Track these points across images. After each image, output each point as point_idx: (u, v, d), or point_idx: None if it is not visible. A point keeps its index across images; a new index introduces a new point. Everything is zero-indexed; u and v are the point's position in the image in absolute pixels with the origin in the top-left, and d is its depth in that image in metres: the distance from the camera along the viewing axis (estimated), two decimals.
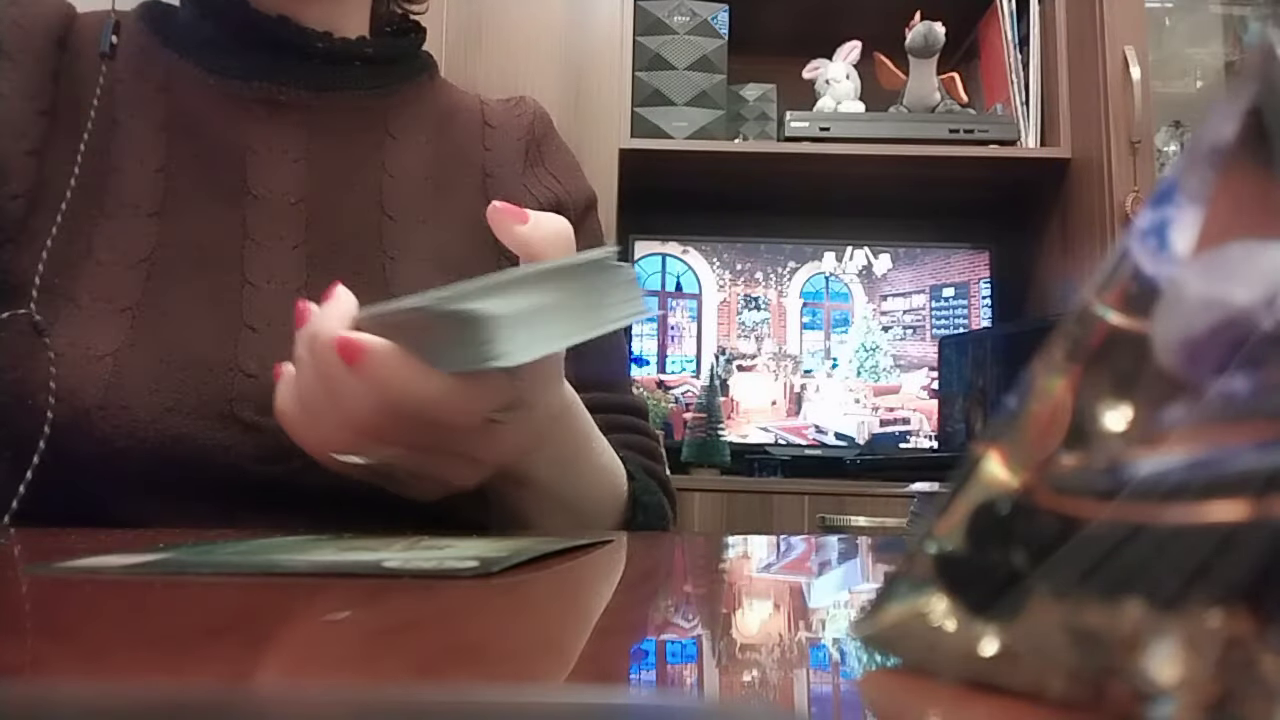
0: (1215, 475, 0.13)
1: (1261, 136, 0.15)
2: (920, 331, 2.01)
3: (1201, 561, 0.13)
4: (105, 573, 0.26)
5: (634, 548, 0.41)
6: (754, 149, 1.86)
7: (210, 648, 0.18)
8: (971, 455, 0.17)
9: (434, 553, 0.31)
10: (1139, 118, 1.64)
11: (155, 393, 0.50)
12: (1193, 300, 0.14)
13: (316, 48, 0.61)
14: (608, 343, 0.67)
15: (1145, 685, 0.13)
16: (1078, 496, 0.15)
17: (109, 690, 0.13)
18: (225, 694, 0.14)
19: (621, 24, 1.83)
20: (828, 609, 0.28)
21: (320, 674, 0.16)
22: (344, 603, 0.23)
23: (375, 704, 0.12)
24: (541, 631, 0.21)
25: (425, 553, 0.31)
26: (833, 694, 0.17)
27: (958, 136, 1.82)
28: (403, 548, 0.32)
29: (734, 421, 1.97)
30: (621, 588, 0.31)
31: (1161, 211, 0.16)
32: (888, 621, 0.17)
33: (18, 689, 0.13)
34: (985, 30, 1.98)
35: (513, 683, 0.16)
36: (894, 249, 2.04)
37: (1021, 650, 0.15)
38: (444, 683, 0.15)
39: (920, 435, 1.96)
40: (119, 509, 0.49)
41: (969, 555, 0.16)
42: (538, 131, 0.70)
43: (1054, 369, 0.16)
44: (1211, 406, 0.14)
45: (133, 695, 0.12)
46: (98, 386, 0.49)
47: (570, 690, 0.15)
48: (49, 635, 0.19)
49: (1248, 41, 1.94)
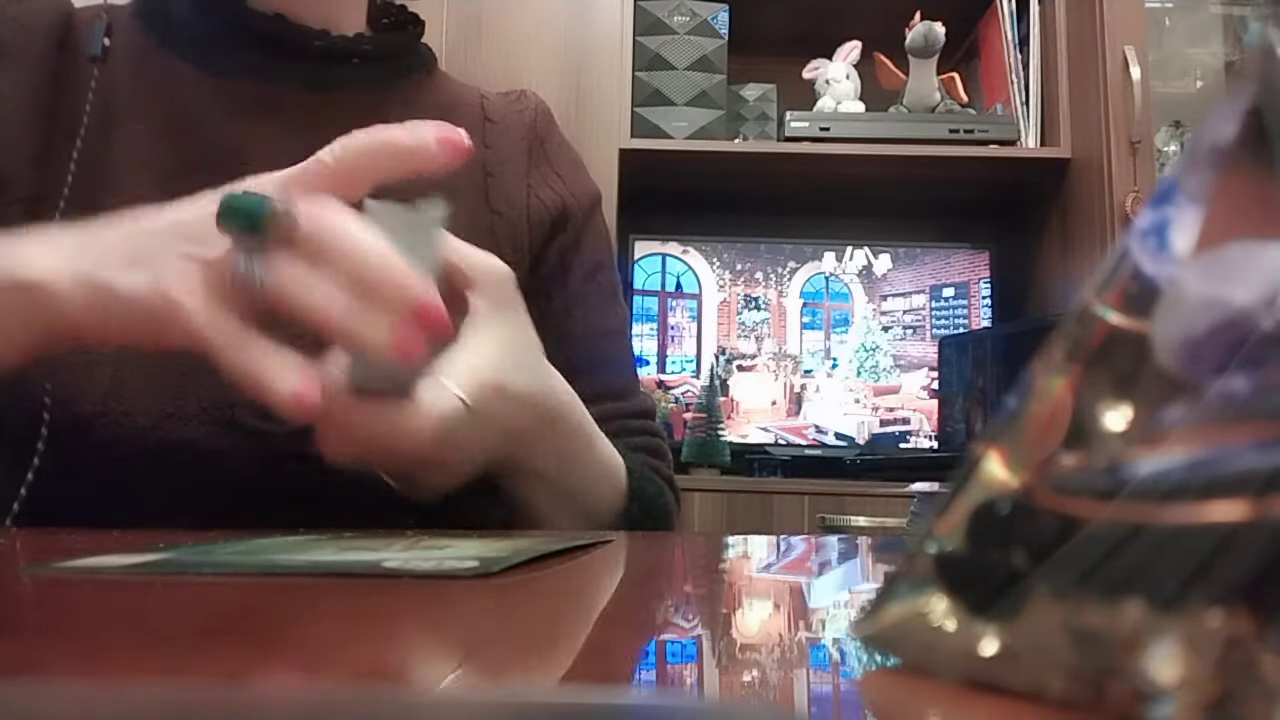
0: (1215, 475, 0.13)
1: (1261, 136, 0.15)
2: (920, 331, 2.01)
3: (1201, 561, 0.13)
4: (105, 573, 0.26)
5: (634, 548, 0.41)
6: (754, 149, 1.86)
7: (210, 648, 0.18)
8: (971, 455, 0.17)
9: (434, 553, 0.31)
10: (1139, 118, 1.64)
11: (155, 398, 0.49)
12: (1193, 300, 0.14)
13: (314, 46, 0.60)
14: (617, 352, 0.67)
15: (1145, 685, 0.13)
16: (1078, 496, 0.15)
17: (109, 690, 0.13)
18: (225, 694, 0.14)
19: (621, 24, 1.83)
20: (828, 609, 0.28)
21: (319, 674, 0.16)
22: (343, 603, 0.23)
23: (375, 704, 0.12)
24: (541, 631, 0.21)
25: (425, 553, 0.31)
26: (833, 694, 0.17)
27: (958, 136, 1.82)
28: (403, 548, 0.32)
29: (734, 421, 1.97)
30: (621, 588, 0.31)
31: (1161, 211, 0.16)
32: (888, 621, 0.17)
33: (18, 689, 0.13)
34: (985, 30, 1.98)
35: (513, 683, 0.16)
36: (894, 249, 2.04)
37: (1021, 650, 0.15)
38: (444, 683, 0.15)
39: (920, 435, 1.96)
40: (118, 513, 0.49)
41: (969, 555, 0.16)
42: (540, 129, 0.69)
43: (1054, 369, 0.16)
44: (1211, 406, 0.14)
45: (133, 695, 0.12)
46: (97, 393, 0.49)
47: (570, 690, 0.15)
48: (49, 635, 0.19)
49: (1248, 41, 1.94)
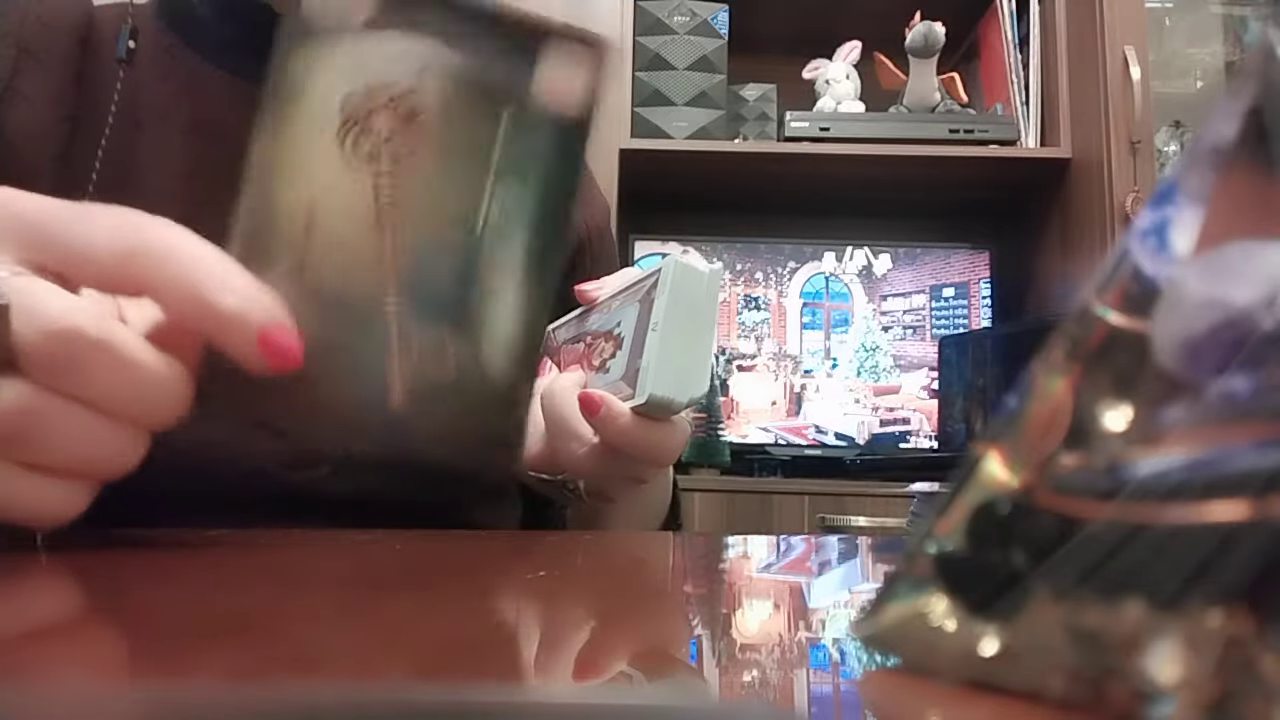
0: (1215, 475, 0.13)
1: (1261, 136, 0.15)
2: (920, 331, 2.01)
3: (1201, 561, 0.13)
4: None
5: (634, 548, 0.41)
6: (754, 149, 1.86)
7: (209, 648, 0.18)
8: (971, 455, 0.17)
9: None
10: (1139, 118, 1.64)
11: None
12: (1193, 300, 0.14)
13: None
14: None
15: (1145, 685, 0.13)
16: (1078, 496, 0.15)
17: (109, 690, 0.13)
18: (225, 694, 0.14)
19: (621, 24, 1.83)
20: (828, 609, 0.28)
21: (320, 674, 0.16)
22: (342, 602, 0.23)
23: (375, 704, 0.12)
24: (541, 631, 0.21)
25: None
26: (833, 694, 0.17)
27: (958, 136, 1.82)
28: None
29: (734, 421, 1.97)
30: (621, 587, 0.31)
31: (1161, 211, 0.16)
32: (888, 621, 0.17)
33: (17, 689, 0.13)
34: (985, 30, 1.98)
35: (513, 683, 0.16)
36: (894, 249, 2.04)
37: (1021, 650, 0.15)
38: (444, 683, 0.15)
39: (920, 435, 1.96)
40: (143, 513, 0.49)
41: (969, 555, 0.16)
42: None
43: (1054, 369, 0.16)
44: (1211, 406, 0.14)
45: (133, 695, 0.12)
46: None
47: (570, 690, 0.15)
48: (48, 635, 0.19)
49: (1248, 41, 1.94)
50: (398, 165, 0.32)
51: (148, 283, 0.29)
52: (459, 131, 0.33)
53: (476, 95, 0.33)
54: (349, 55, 0.32)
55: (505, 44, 0.33)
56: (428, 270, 0.33)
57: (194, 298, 0.29)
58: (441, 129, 0.32)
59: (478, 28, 0.33)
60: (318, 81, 0.32)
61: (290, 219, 0.32)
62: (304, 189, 0.32)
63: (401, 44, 0.32)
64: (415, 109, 0.32)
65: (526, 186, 0.33)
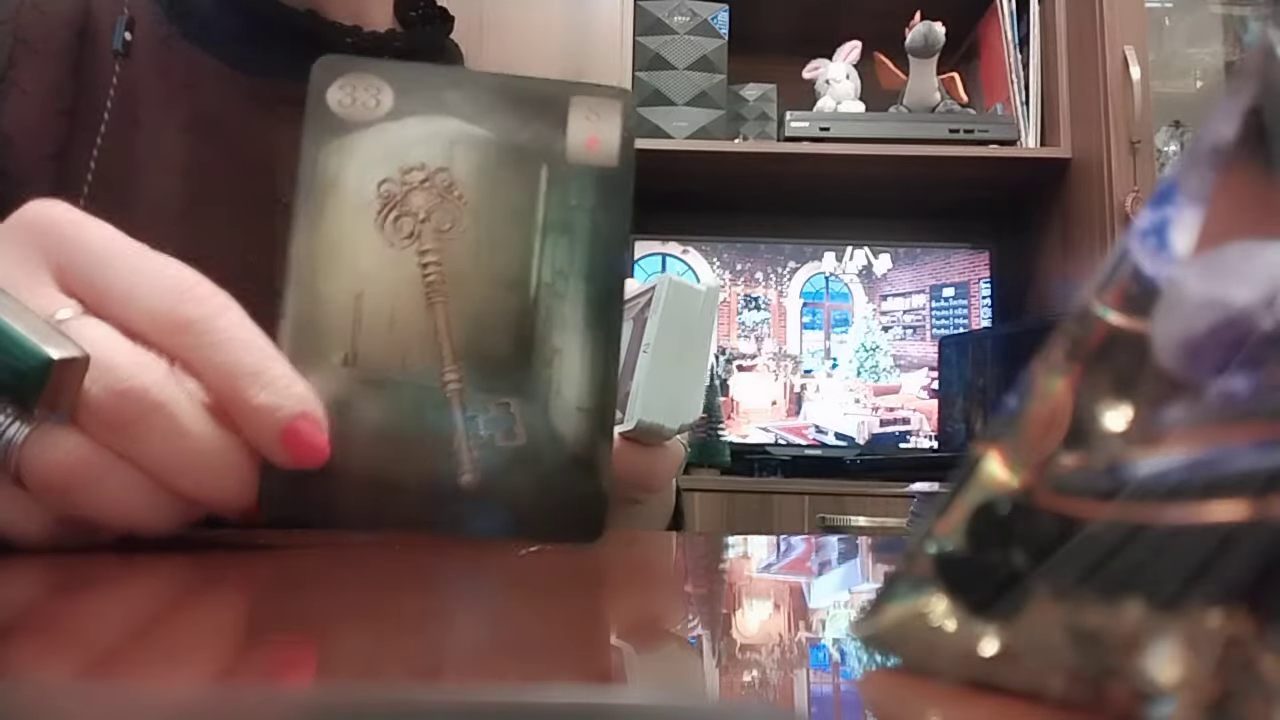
0: (1215, 475, 0.13)
1: (1261, 136, 0.15)
2: (920, 331, 2.01)
3: (1201, 561, 0.13)
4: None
5: (634, 548, 0.41)
6: (754, 149, 1.86)
7: (209, 647, 0.18)
8: (971, 455, 0.17)
9: None
10: (1139, 118, 1.64)
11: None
12: (1193, 300, 0.14)
13: (346, 43, 0.58)
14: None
15: (1145, 685, 0.13)
16: (1078, 496, 0.15)
17: (109, 690, 0.13)
18: (225, 694, 0.14)
19: (621, 24, 1.83)
20: (828, 609, 0.28)
21: (320, 673, 0.16)
22: (342, 603, 0.23)
23: (375, 704, 0.12)
24: (541, 631, 0.21)
25: None
26: (833, 694, 0.17)
27: (958, 136, 1.82)
28: None
29: (734, 421, 1.97)
30: (621, 587, 0.30)
31: (1161, 211, 0.16)
32: (888, 621, 0.17)
33: (17, 689, 0.13)
34: (985, 30, 1.98)
35: (513, 683, 0.16)
36: (894, 249, 2.04)
37: (1021, 650, 0.15)
38: (444, 683, 0.15)
39: (920, 435, 1.96)
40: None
41: (969, 555, 0.16)
42: None
43: (1054, 369, 0.16)
44: (1211, 406, 0.14)
45: (133, 695, 0.12)
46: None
47: (570, 690, 0.15)
48: (48, 635, 0.19)
49: (1248, 41, 1.94)
50: (440, 240, 0.32)
51: (185, 354, 0.29)
52: (499, 197, 0.32)
53: (511, 159, 0.32)
54: (378, 144, 0.32)
55: (528, 111, 0.33)
56: (485, 340, 0.32)
57: (226, 385, 0.28)
58: (480, 197, 0.32)
59: (497, 102, 0.33)
60: (350, 172, 0.32)
61: (339, 309, 0.31)
62: (349, 278, 0.32)
63: (428, 127, 0.32)
64: (451, 183, 0.32)
65: (575, 240, 0.33)
